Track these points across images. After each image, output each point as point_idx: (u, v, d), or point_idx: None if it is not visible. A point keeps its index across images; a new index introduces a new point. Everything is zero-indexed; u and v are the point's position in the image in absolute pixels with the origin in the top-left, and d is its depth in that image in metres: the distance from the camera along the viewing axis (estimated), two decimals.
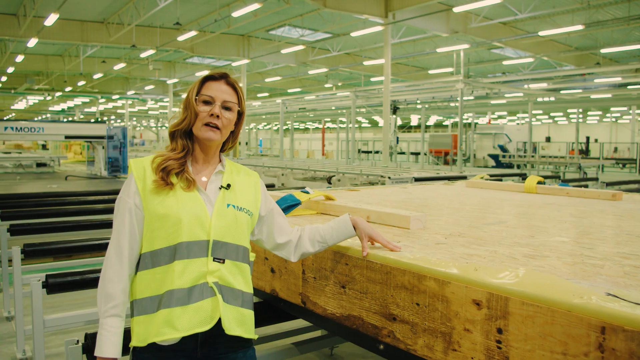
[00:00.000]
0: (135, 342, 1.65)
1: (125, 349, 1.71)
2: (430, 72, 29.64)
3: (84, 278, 3.14)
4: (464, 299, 1.61)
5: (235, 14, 17.51)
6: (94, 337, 2.17)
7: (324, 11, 18.85)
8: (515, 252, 2.01)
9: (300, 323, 3.07)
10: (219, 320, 1.65)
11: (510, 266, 1.75)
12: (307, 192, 2.88)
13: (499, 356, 1.52)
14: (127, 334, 1.71)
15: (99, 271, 3.18)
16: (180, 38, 21.04)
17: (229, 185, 1.78)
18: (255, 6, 16.20)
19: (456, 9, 16.18)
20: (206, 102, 1.75)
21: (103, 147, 19.23)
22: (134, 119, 52.85)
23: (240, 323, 1.71)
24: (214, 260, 1.67)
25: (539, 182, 4.44)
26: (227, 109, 1.76)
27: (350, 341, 2.06)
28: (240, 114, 1.83)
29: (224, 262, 1.69)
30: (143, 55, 25.34)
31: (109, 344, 1.61)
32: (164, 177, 1.68)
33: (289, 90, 38.27)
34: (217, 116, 1.73)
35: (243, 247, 1.77)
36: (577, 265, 1.81)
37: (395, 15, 17.78)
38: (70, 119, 45.51)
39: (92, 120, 35.98)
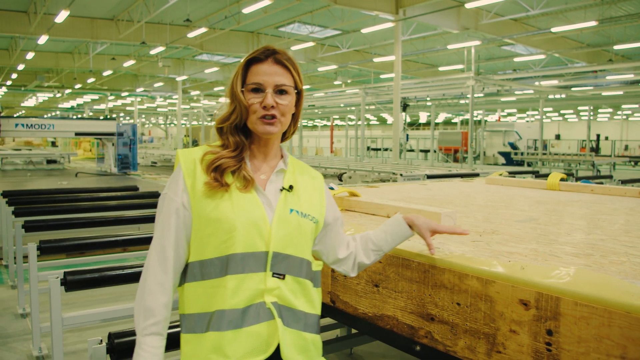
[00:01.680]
0: None
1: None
2: (441, 69, 29.46)
3: (102, 275, 3.09)
4: (510, 298, 1.54)
5: (246, 11, 17.47)
6: (118, 337, 2.12)
7: (334, 8, 18.75)
8: (556, 250, 1.93)
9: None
10: (278, 346, 1.42)
11: (555, 265, 1.67)
12: (332, 188, 2.81)
13: (548, 359, 1.45)
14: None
15: (117, 268, 3.15)
16: (190, 35, 21.02)
17: (291, 187, 1.53)
18: (266, 2, 16.12)
19: (467, 6, 16.06)
20: (256, 90, 1.48)
21: (113, 144, 19.26)
22: (143, 116, 53.02)
23: (302, 350, 1.47)
24: (273, 276, 1.43)
25: (561, 179, 4.35)
26: (282, 92, 1.49)
27: (383, 342, 1.99)
28: (298, 92, 1.55)
29: (284, 278, 1.45)
30: (152, 52, 25.34)
31: None
32: (218, 177, 1.43)
33: None
34: (272, 106, 1.47)
35: (307, 261, 1.52)
36: (625, 264, 1.74)
37: (406, 11, 17.67)
38: (79, 116, 45.75)
39: (102, 117, 36.18)
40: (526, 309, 1.50)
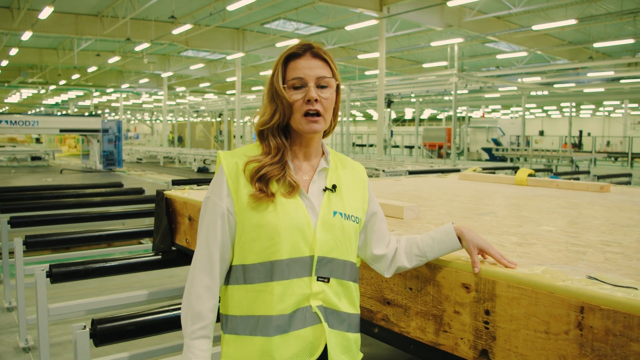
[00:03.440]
0: None
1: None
2: (425, 65, 29.74)
3: (86, 268, 3.23)
4: (454, 283, 1.71)
5: (230, 8, 17.51)
6: (101, 323, 2.26)
7: (318, 5, 18.90)
8: (504, 240, 2.11)
9: None
10: (324, 348, 1.44)
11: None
12: None
13: (486, 336, 1.62)
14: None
15: (100, 261, 3.29)
16: (175, 31, 21.04)
17: (334, 187, 1.52)
18: None
19: (450, 3, 16.26)
20: (296, 87, 1.46)
21: (98, 141, 19.28)
22: (128, 112, 52.82)
23: (345, 350, 1.50)
24: (318, 280, 1.44)
25: (530, 175, 4.55)
26: (323, 86, 1.47)
27: None
28: (337, 85, 1.52)
29: (328, 282, 1.46)
30: (137, 48, 25.32)
31: None
32: (263, 188, 1.42)
33: None
34: (316, 100, 1.44)
35: (350, 263, 1.53)
36: (562, 252, 1.92)
37: (390, 9, 17.87)
38: (64, 112, 45.47)
39: (87, 114, 36.01)
40: (468, 291, 1.67)
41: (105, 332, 2.22)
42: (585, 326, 1.40)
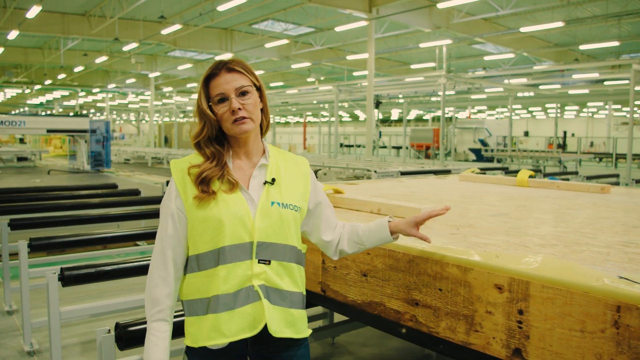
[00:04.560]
0: (188, 342, 1.67)
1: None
2: (413, 67, 29.89)
3: (98, 271, 3.21)
4: (486, 283, 1.75)
5: (221, 8, 17.41)
6: (125, 327, 2.27)
7: (307, 5, 18.90)
8: (526, 241, 2.15)
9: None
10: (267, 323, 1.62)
11: (525, 254, 1.89)
12: None
13: (519, 335, 1.66)
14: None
15: (112, 264, 3.29)
16: (164, 31, 20.88)
17: (273, 180, 1.70)
18: (240, 0, 16.15)
19: (439, 5, 16.37)
20: (222, 100, 1.66)
21: (86, 141, 19.09)
22: (114, 112, 52.37)
23: (289, 324, 1.67)
24: (259, 263, 1.63)
25: (530, 176, 4.61)
26: (244, 93, 1.67)
27: (371, 326, 2.18)
28: (258, 88, 1.73)
29: (269, 264, 1.65)
30: (125, 48, 25.10)
31: (156, 349, 1.62)
32: (205, 188, 1.63)
33: (272, 84, 38.23)
34: (239, 108, 1.65)
35: (290, 247, 1.70)
36: (585, 252, 1.97)
37: (379, 10, 17.95)
38: (49, 112, 44.96)
39: (72, 114, 35.62)
40: (500, 292, 1.71)
41: (131, 335, 2.22)
42: (622, 325, 1.44)
